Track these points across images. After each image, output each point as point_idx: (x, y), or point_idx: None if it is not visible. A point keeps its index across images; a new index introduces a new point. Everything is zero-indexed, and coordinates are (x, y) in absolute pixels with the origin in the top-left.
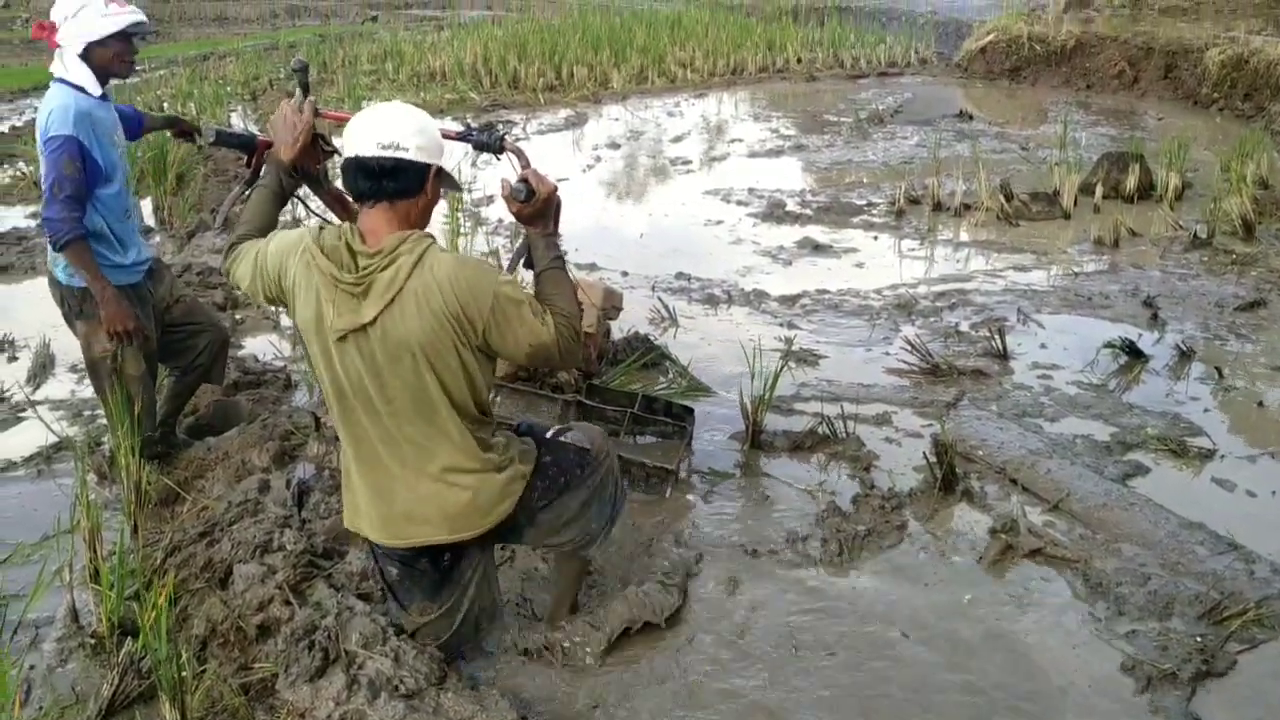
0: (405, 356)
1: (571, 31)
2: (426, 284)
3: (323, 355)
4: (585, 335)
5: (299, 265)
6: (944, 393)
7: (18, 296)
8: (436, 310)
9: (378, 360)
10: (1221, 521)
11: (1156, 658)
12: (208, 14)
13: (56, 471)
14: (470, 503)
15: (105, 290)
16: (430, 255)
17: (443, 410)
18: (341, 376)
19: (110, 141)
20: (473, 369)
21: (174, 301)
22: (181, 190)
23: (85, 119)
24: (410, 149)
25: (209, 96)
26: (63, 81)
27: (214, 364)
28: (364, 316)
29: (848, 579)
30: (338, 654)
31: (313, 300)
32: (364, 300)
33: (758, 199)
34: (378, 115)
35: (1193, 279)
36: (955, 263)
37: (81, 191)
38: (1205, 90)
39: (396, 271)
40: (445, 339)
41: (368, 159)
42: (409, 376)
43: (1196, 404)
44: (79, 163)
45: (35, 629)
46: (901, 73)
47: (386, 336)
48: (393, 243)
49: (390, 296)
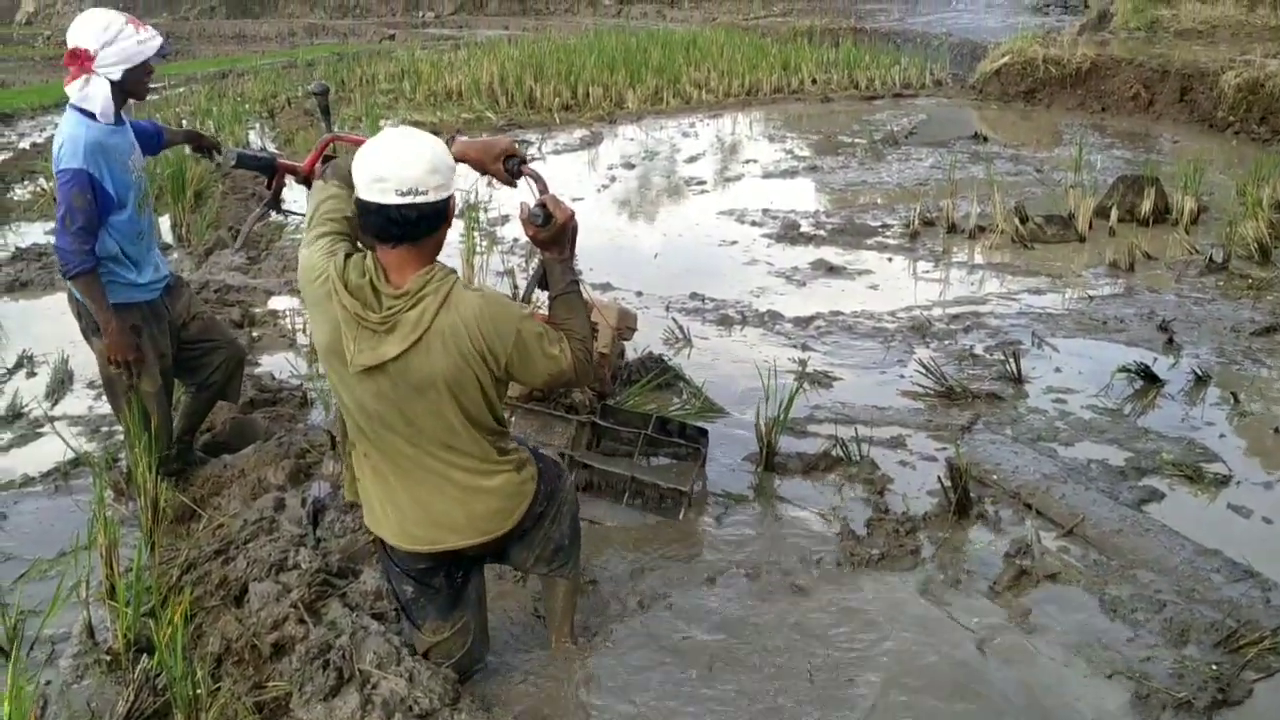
0: (429, 390)
1: (587, 52)
2: (453, 324)
3: (341, 381)
4: (599, 356)
5: (318, 293)
6: (958, 416)
7: (37, 312)
8: (464, 350)
9: (400, 393)
10: (1238, 548)
11: (1172, 685)
12: (226, 32)
13: (74, 487)
14: (496, 504)
15: (110, 322)
16: (455, 295)
17: (463, 431)
18: (361, 401)
19: (123, 167)
20: (491, 394)
21: (190, 318)
22: (199, 208)
23: (96, 150)
24: (429, 191)
25: (227, 114)
26: (77, 108)
27: (229, 382)
28: (386, 354)
29: (860, 602)
30: (352, 673)
31: (330, 330)
32: (388, 337)
33: (772, 220)
34: (388, 159)
35: (1208, 303)
36: (970, 285)
37: (93, 222)
38: (1221, 114)
39: (422, 312)
40: (469, 374)
41: (391, 210)
42: (431, 406)
43: (1212, 429)
44: (89, 195)
45: (52, 645)
46: (916, 94)
47: (411, 372)
48: (418, 283)
49: (417, 336)
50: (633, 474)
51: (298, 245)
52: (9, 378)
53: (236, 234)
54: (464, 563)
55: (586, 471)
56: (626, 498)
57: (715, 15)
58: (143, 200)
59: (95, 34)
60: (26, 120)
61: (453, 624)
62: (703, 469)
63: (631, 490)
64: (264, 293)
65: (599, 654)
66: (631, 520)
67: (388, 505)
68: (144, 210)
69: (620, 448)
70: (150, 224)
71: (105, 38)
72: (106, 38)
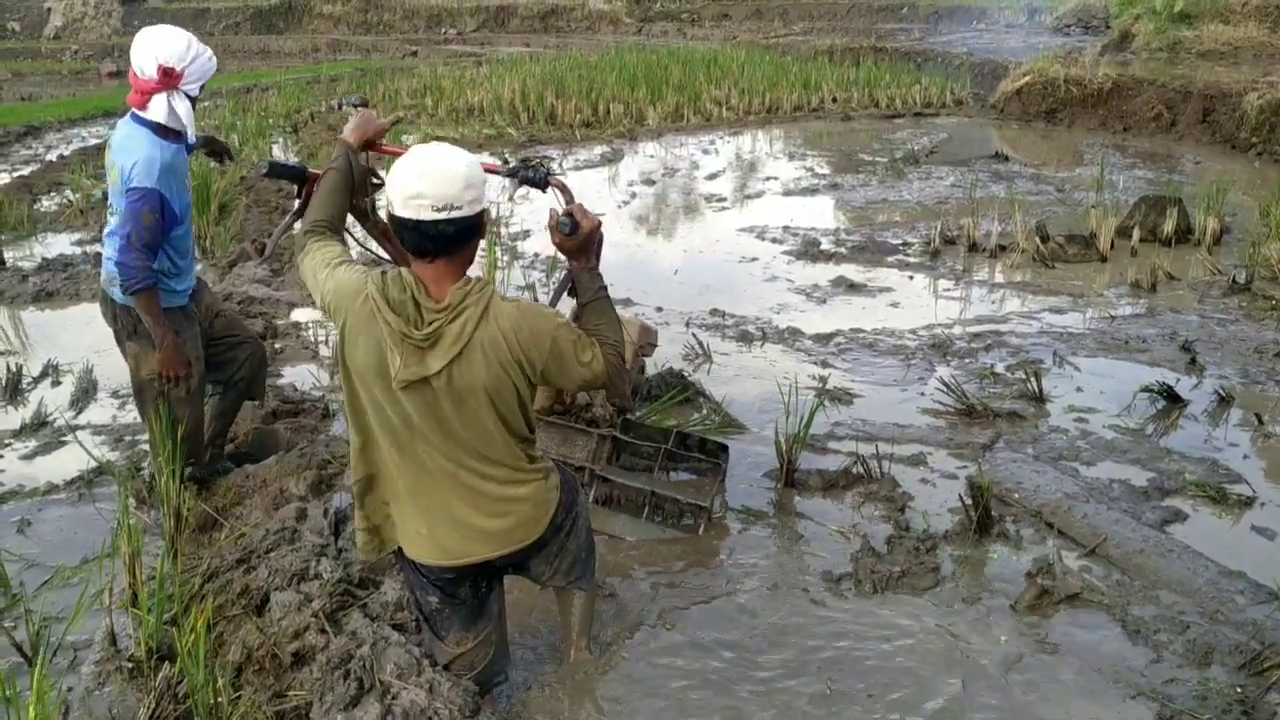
0: (470, 400)
1: (609, 69)
2: (493, 336)
3: (382, 396)
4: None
5: (360, 313)
6: (979, 434)
7: (63, 322)
8: (504, 359)
9: (441, 405)
10: (1262, 570)
11: (1195, 708)
12: (251, 48)
13: (97, 496)
14: (528, 512)
15: (166, 336)
16: (494, 306)
17: (499, 438)
18: (397, 418)
19: (184, 186)
20: (526, 401)
21: (214, 316)
22: (223, 220)
23: (169, 171)
24: (464, 206)
25: (251, 128)
26: (146, 124)
27: (254, 378)
28: (430, 368)
29: (881, 620)
30: (372, 684)
31: (374, 349)
32: (430, 352)
33: (792, 237)
34: (422, 179)
35: (1231, 324)
36: (991, 304)
37: (156, 240)
38: (1244, 134)
39: (464, 325)
40: (508, 383)
41: (427, 226)
42: (471, 417)
43: (1235, 450)
44: (158, 215)
45: (74, 652)
46: (937, 113)
47: (453, 384)
48: (458, 296)
49: (459, 349)
50: (653, 489)
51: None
52: (34, 386)
53: (259, 246)
54: (489, 574)
55: (606, 486)
56: (646, 513)
57: (736, 33)
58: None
59: (179, 53)
60: (54, 133)
61: (475, 635)
62: (723, 484)
63: (651, 505)
64: (286, 305)
65: (617, 667)
66: (651, 535)
67: (420, 524)
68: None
69: (640, 462)
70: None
71: (190, 56)
72: (191, 55)
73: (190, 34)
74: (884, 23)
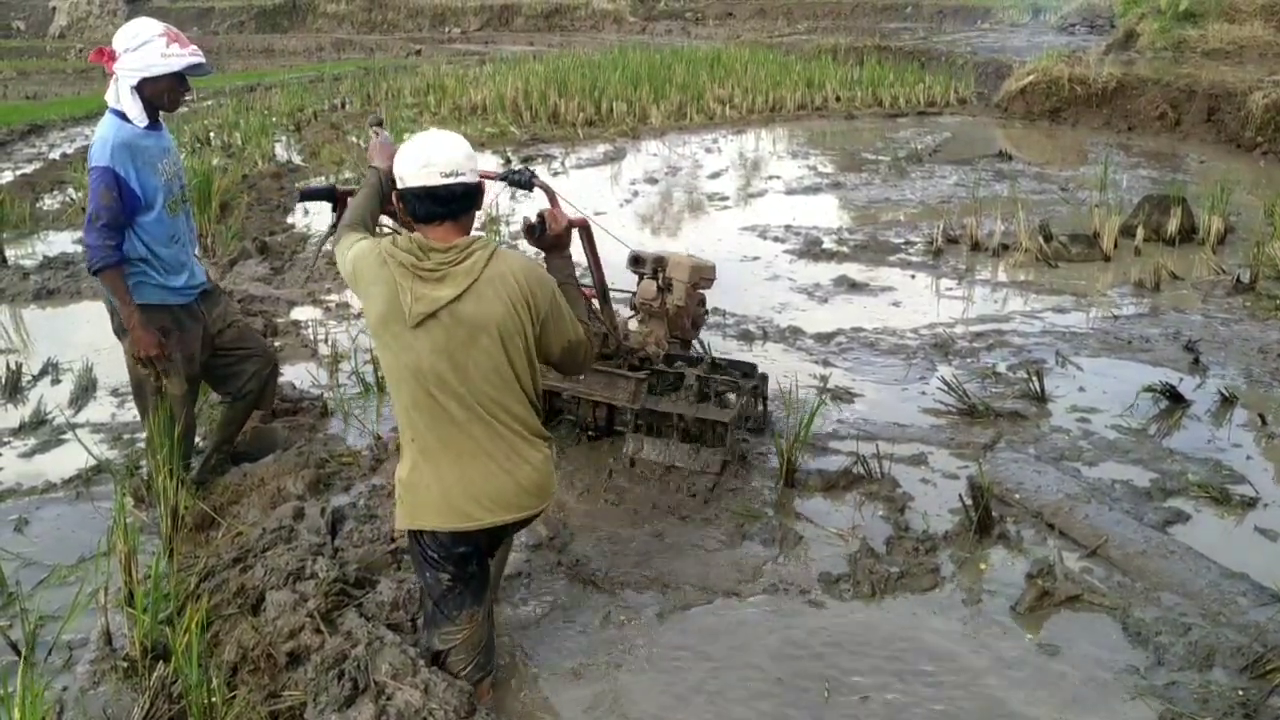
0: (482, 336)
1: (611, 68)
2: (502, 273)
3: (398, 344)
4: (677, 309)
5: (373, 266)
6: (981, 434)
7: (64, 320)
8: (512, 295)
9: (454, 342)
10: (1265, 572)
11: (1197, 710)
12: (255, 47)
13: (95, 494)
14: (538, 479)
15: (132, 317)
16: (502, 252)
17: (515, 388)
18: (417, 362)
19: (153, 170)
20: (533, 355)
21: (226, 326)
22: (225, 218)
23: (124, 150)
24: (467, 173)
25: (254, 127)
26: (113, 110)
27: (263, 390)
28: (443, 298)
29: (880, 622)
30: (367, 684)
31: (386, 294)
32: (440, 285)
33: (794, 236)
34: (432, 149)
35: (1235, 324)
36: (993, 303)
37: (117, 219)
38: (1249, 134)
39: (474, 264)
40: (516, 323)
41: (437, 189)
42: (484, 356)
43: (1239, 451)
44: (115, 192)
45: (69, 650)
46: (940, 112)
47: (464, 318)
48: (465, 242)
49: (469, 283)
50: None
51: (320, 256)
52: (34, 384)
53: (260, 245)
54: (491, 545)
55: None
56: (678, 436)
57: (739, 32)
58: (174, 204)
59: (124, 38)
60: (57, 131)
61: (484, 607)
62: (754, 402)
63: (680, 430)
64: (287, 303)
65: (616, 669)
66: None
67: (434, 485)
68: (177, 213)
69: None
70: (185, 229)
71: (131, 44)
72: (132, 44)
73: (162, 28)
74: (888, 21)
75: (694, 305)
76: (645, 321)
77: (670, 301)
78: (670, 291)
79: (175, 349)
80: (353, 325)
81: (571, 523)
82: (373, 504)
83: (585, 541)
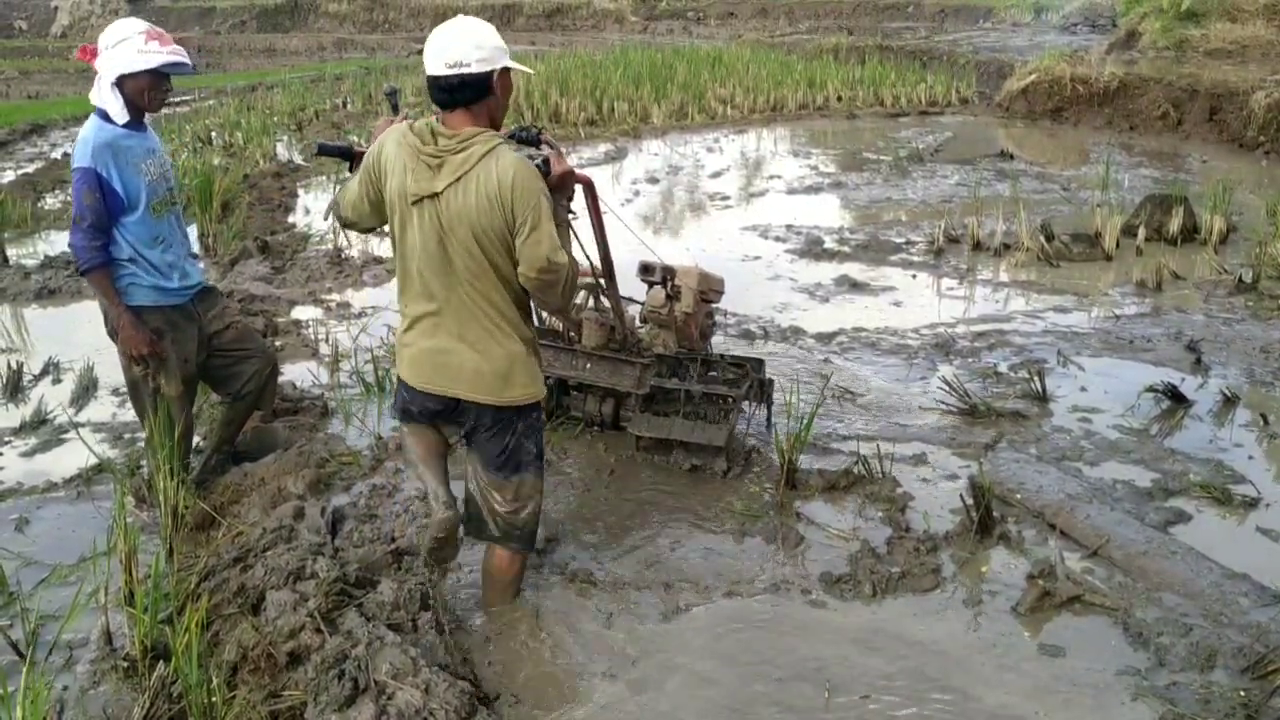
0: (460, 227)
1: (613, 67)
2: (489, 171)
3: (401, 221)
4: (685, 315)
5: (394, 147)
6: (982, 434)
7: (65, 319)
8: (491, 195)
9: (441, 226)
10: (1266, 572)
11: (1198, 711)
12: (257, 46)
13: (95, 494)
14: (503, 369)
15: (121, 316)
16: (499, 150)
17: (493, 278)
18: (411, 239)
19: (136, 170)
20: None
21: (225, 327)
22: (226, 218)
23: (105, 150)
24: (472, 63)
25: (256, 126)
26: (97, 111)
27: (263, 391)
28: (435, 187)
29: (881, 622)
30: (368, 684)
31: (399, 171)
32: (437, 174)
33: (796, 235)
34: (443, 37)
35: (1237, 323)
36: (994, 303)
37: (102, 221)
38: (1251, 133)
39: (469, 156)
40: (490, 219)
41: (440, 78)
42: (462, 245)
43: (1240, 451)
44: (97, 194)
45: (70, 650)
46: (942, 112)
47: (449, 207)
48: (470, 133)
49: (458, 175)
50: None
51: (321, 256)
52: (35, 384)
53: (261, 244)
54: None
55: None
56: (683, 415)
57: (741, 32)
58: (160, 204)
59: (107, 36)
60: (59, 130)
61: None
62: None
63: (685, 411)
64: (287, 303)
65: (618, 670)
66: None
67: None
68: (163, 215)
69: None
70: (173, 229)
71: (111, 41)
72: (111, 41)
73: (143, 26)
74: (890, 20)
75: (702, 316)
76: (654, 331)
77: (678, 309)
78: (678, 299)
79: (170, 350)
80: (353, 325)
81: (572, 522)
82: (373, 503)
83: (586, 541)
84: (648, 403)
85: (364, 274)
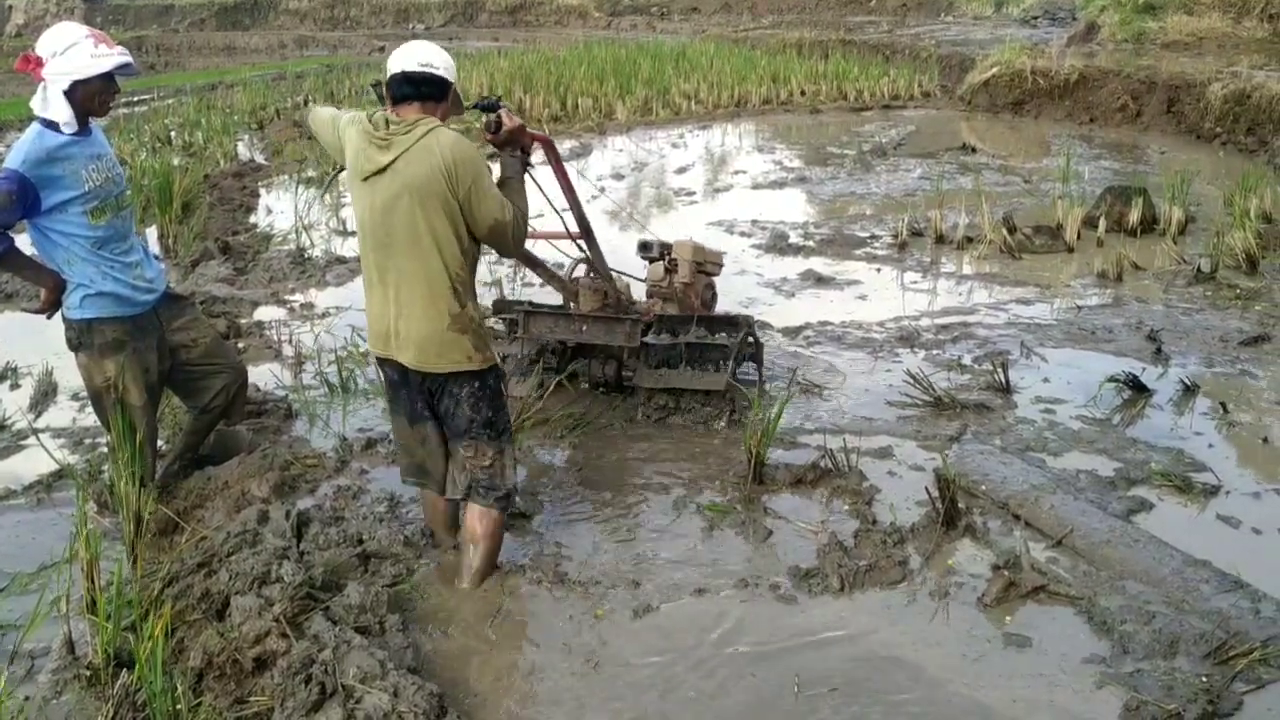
0: (404, 197)
1: (577, 63)
2: (429, 145)
3: (354, 196)
4: (684, 286)
5: (353, 131)
6: (947, 426)
7: (22, 324)
8: (434, 164)
9: (386, 199)
10: (1227, 559)
11: (1161, 698)
12: (216, 44)
13: (56, 500)
14: (449, 339)
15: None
16: (441, 129)
17: (431, 246)
18: (363, 215)
19: (76, 178)
20: (459, 229)
21: (193, 342)
22: (187, 219)
23: (44, 164)
24: (440, 68)
25: (216, 126)
26: (39, 119)
27: (232, 404)
28: (382, 162)
29: (848, 615)
30: (335, 688)
31: (351, 153)
32: (385, 151)
33: (761, 230)
34: (413, 46)
35: (1196, 313)
36: (958, 296)
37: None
38: (1208, 125)
39: (413, 135)
40: (433, 187)
41: (411, 72)
42: (404, 216)
43: (1201, 439)
44: (14, 197)
45: (31, 659)
46: (905, 106)
47: (394, 179)
48: (415, 118)
49: (404, 149)
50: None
51: (284, 256)
52: None
53: (223, 245)
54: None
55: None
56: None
57: (705, 27)
58: (107, 207)
59: (50, 43)
60: (14, 132)
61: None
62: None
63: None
64: (250, 304)
65: (589, 669)
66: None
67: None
68: (110, 218)
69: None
70: (128, 229)
71: (58, 48)
72: (59, 48)
73: (86, 30)
74: (853, 14)
75: (701, 286)
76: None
77: (676, 280)
78: (676, 271)
79: (130, 361)
80: (317, 325)
81: (541, 520)
82: (338, 506)
83: (555, 539)
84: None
85: (327, 274)
